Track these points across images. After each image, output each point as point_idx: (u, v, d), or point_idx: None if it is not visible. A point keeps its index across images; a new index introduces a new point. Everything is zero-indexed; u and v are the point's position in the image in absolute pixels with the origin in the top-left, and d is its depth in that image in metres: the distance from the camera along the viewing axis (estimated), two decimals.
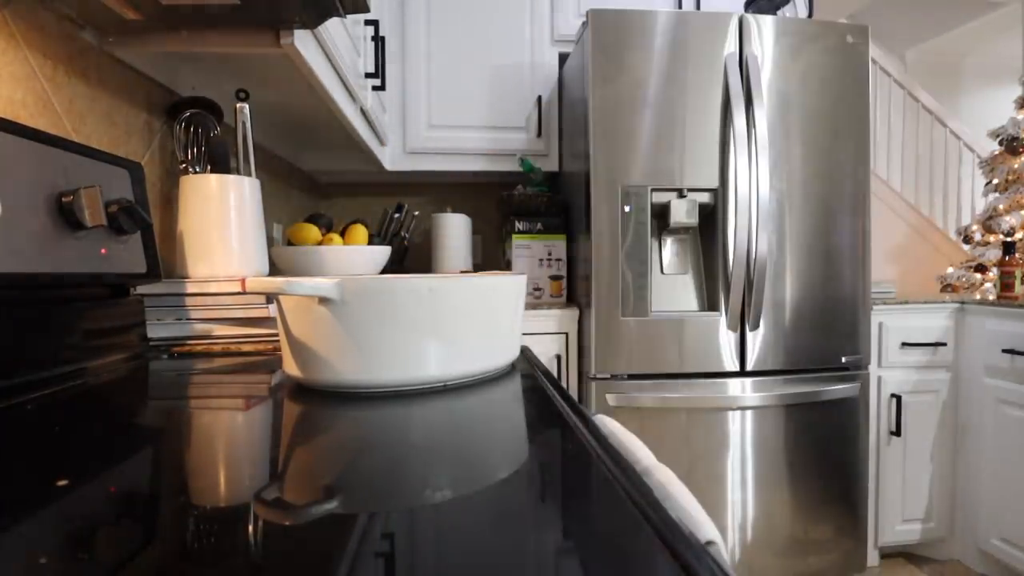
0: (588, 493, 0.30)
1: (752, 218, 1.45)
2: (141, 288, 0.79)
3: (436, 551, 0.23)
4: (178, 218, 0.89)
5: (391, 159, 1.83)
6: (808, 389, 1.50)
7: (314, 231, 1.29)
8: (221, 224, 0.88)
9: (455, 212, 1.88)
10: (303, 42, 0.86)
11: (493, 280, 0.56)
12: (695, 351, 1.46)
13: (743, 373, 1.48)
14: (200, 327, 0.81)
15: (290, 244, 1.30)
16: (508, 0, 1.85)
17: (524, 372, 0.61)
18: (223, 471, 0.33)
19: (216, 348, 0.79)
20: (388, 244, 1.77)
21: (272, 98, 1.10)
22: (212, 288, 0.82)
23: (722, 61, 1.46)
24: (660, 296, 1.51)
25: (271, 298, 0.82)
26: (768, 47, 1.48)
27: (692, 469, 1.46)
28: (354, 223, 1.41)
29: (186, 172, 0.92)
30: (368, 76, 1.36)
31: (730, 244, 1.46)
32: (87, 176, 0.64)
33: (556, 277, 1.71)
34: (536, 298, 1.70)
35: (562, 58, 1.88)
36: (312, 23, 0.83)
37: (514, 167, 1.86)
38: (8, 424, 0.42)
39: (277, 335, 0.84)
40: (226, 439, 0.39)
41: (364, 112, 1.38)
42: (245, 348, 0.80)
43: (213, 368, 0.66)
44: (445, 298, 0.52)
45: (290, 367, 0.54)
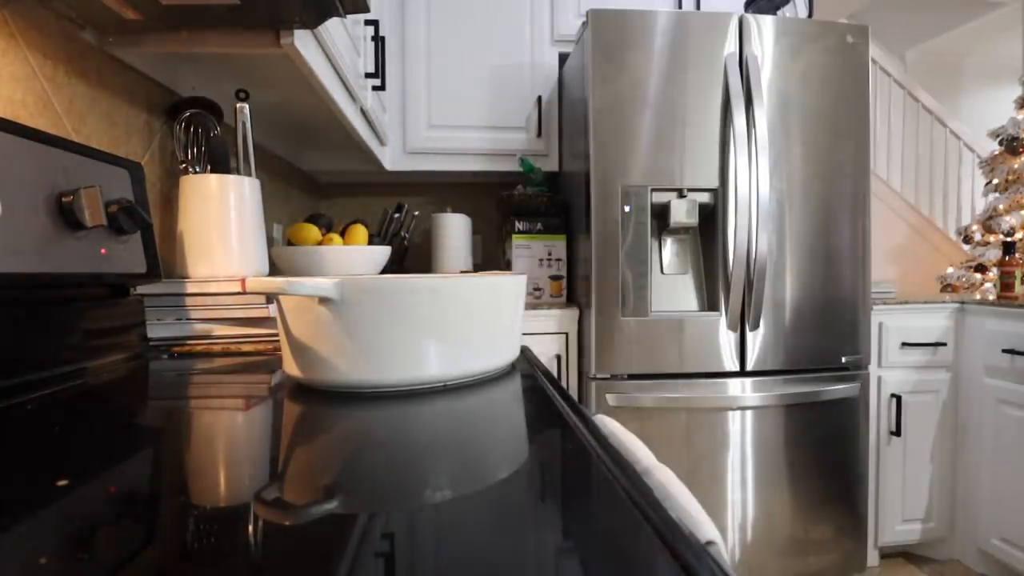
0: (588, 493, 0.30)
1: (752, 218, 1.45)
2: (141, 288, 0.79)
3: (436, 551, 0.23)
4: (178, 218, 0.89)
5: (391, 159, 1.83)
6: (808, 389, 1.50)
7: (314, 231, 1.29)
8: (221, 224, 0.88)
9: (455, 212, 1.88)
10: (303, 42, 0.86)
11: (493, 280, 0.56)
12: (695, 351, 1.46)
13: (743, 373, 1.48)
14: (200, 327, 0.81)
15: (290, 244, 1.30)
16: (508, 0, 1.85)
17: (524, 372, 0.61)
18: (223, 471, 0.33)
19: (216, 348, 0.79)
20: (388, 244, 1.77)
21: (272, 98, 1.10)
22: (212, 288, 0.82)
23: (722, 61, 1.46)
24: (660, 296, 1.51)
25: (271, 298, 0.82)
26: (768, 47, 1.48)
27: (692, 469, 1.46)
28: (354, 223, 1.41)
29: (186, 172, 0.92)
30: (368, 76, 1.36)
31: (730, 244, 1.46)
32: (87, 176, 0.65)
33: (556, 277, 1.71)
34: (536, 298, 1.70)
35: (562, 58, 1.88)
36: (312, 23, 0.83)
37: (514, 167, 1.86)
38: (8, 424, 0.42)
39: (277, 335, 0.84)
40: (226, 439, 0.39)
41: (364, 112, 1.38)
42: (245, 348, 0.80)
43: (213, 368, 0.66)
44: (445, 298, 0.52)
45: (290, 367, 0.54)
